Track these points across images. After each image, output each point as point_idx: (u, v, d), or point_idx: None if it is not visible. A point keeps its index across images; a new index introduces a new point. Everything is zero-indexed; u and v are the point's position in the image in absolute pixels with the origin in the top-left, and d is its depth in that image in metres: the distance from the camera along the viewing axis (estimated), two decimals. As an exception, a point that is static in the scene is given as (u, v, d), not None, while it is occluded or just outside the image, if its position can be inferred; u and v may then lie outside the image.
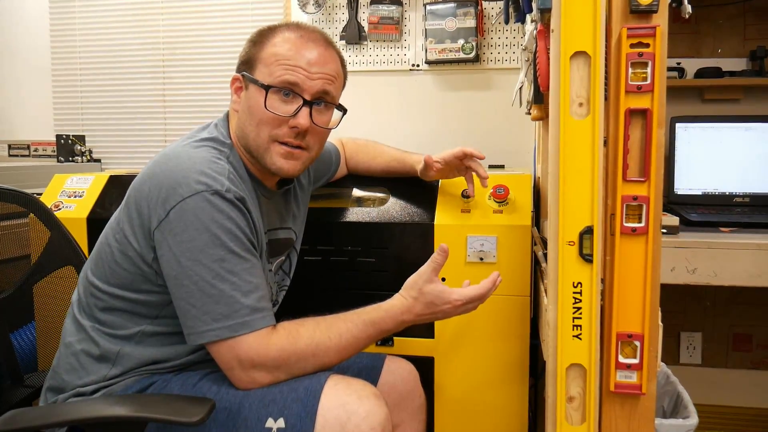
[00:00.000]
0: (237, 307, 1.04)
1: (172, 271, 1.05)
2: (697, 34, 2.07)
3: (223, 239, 1.04)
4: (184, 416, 0.92)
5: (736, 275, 1.22)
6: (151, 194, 1.07)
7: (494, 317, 1.50)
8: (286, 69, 1.13)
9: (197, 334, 1.05)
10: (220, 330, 1.03)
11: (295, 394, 1.05)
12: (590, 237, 0.93)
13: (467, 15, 2.39)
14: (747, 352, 2.19)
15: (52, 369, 1.19)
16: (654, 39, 0.90)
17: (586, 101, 0.91)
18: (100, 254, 1.17)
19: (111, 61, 2.90)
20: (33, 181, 2.43)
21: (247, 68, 1.18)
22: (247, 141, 1.17)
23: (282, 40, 1.16)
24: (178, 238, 1.04)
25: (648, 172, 0.92)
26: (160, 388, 1.11)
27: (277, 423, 1.02)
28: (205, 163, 1.09)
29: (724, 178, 1.81)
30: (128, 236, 1.10)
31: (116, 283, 1.13)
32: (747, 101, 2.05)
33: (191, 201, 1.04)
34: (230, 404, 1.05)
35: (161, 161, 1.11)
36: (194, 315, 1.04)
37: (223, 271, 1.04)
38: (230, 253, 1.05)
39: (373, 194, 1.67)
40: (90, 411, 0.98)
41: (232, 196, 1.06)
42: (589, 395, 0.96)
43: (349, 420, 1.01)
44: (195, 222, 1.03)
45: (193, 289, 1.04)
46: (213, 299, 1.03)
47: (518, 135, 2.42)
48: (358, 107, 2.53)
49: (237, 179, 1.12)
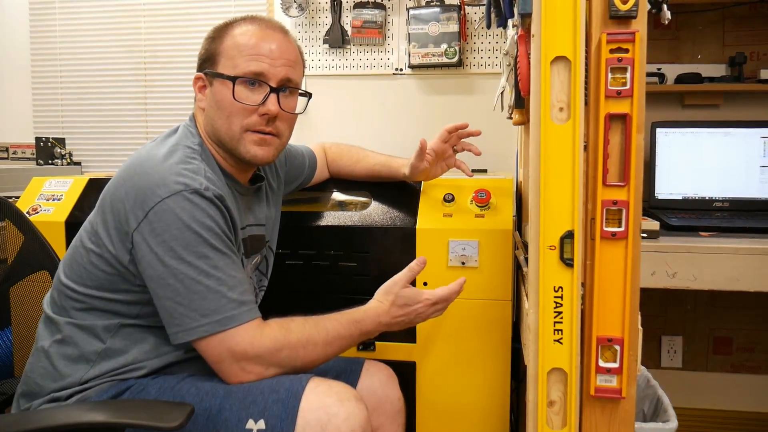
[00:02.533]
0: (224, 302, 1.06)
1: (155, 272, 1.05)
2: (677, 40, 2.09)
3: (205, 236, 1.05)
4: (163, 421, 0.91)
5: (715, 279, 1.23)
6: (128, 196, 1.07)
7: (476, 321, 1.50)
8: (250, 59, 1.15)
9: (186, 331, 1.05)
10: (210, 325, 1.05)
11: (276, 395, 1.05)
12: (571, 241, 0.93)
13: (450, 19, 2.39)
14: (727, 355, 2.20)
15: (25, 374, 1.17)
16: (633, 44, 0.91)
17: (567, 106, 0.91)
18: (73, 257, 1.16)
19: (92, 63, 2.87)
20: (11, 184, 2.40)
21: (209, 65, 1.19)
22: (219, 135, 1.19)
23: (242, 32, 1.18)
24: (159, 238, 1.04)
25: (628, 176, 0.93)
26: (136, 393, 1.10)
27: (257, 424, 1.03)
28: (180, 163, 1.10)
29: (703, 182, 1.83)
30: (103, 239, 1.10)
31: (93, 284, 1.12)
32: (726, 107, 2.07)
33: (170, 201, 1.04)
34: (210, 406, 1.05)
35: (135, 164, 1.12)
36: (181, 313, 1.05)
37: (207, 267, 1.05)
38: (213, 250, 1.06)
39: (355, 198, 1.66)
40: (68, 417, 0.96)
41: (211, 194, 1.08)
42: (569, 399, 0.96)
43: (330, 422, 1.02)
44: (176, 221, 1.04)
45: (178, 288, 1.04)
46: (200, 295, 1.05)
47: (501, 139, 2.42)
48: (341, 111, 2.54)
49: (213, 177, 1.13)
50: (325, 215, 1.60)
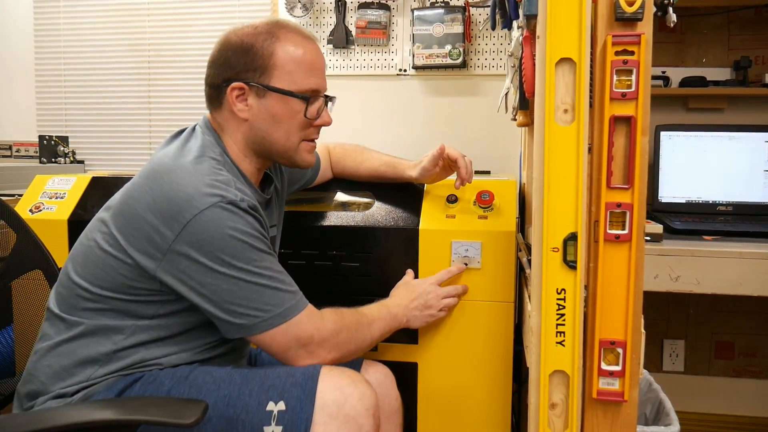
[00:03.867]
0: (281, 295, 1.11)
1: (203, 280, 1.07)
2: (681, 44, 2.09)
3: (249, 242, 1.09)
4: (178, 418, 0.91)
5: (718, 283, 1.23)
6: (158, 206, 1.07)
7: (478, 323, 1.50)
8: (309, 74, 1.21)
9: (247, 328, 1.10)
10: (273, 318, 1.10)
11: (293, 379, 1.10)
12: (574, 244, 0.92)
13: (455, 21, 2.39)
14: (729, 359, 2.20)
15: (28, 373, 1.16)
16: (639, 47, 0.90)
17: (571, 108, 0.91)
18: (87, 257, 1.15)
19: (95, 62, 2.87)
20: (15, 182, 2.40)
21: (257, 76, 1.17)
22: (272, 146, 1.22)
23: (294, 45, 1.19)
24: (204, 249, 1.06)
25: (632, 179, 0.92)
26: (147, 383, 1.10)
27: (278, 406, 1.07)
28: (210, 174, 1.11)
29: (707, 186, 1.82)
30: (125, 246, 1.10)
31: (110, 287, 1.12)
32: (731, 111, 2.07)
33: (209, 212, 1.06)
34: (230, 392, 1.08)
35: (161, 171, 1.11)
36: (241, 313, 1.09)
37: (258, 269, 1.10)
38: (259, 252, 1.11)
39: (358, 199, 1.66)
40: (80, 415, 0.94)
41: (246, 206, 1.10)
42: (571, 402, 0.96)
43: (346, 401, 1.08)
44: (218, 231, 1.06)
45: (234, 290, 1.08)
46: (258, 294, 1.09)
47: (504, 141, 2.42)
48: (345, 111, 2.53)
49: (242, 188, 1.15)
50: (327, 215, 1.60)
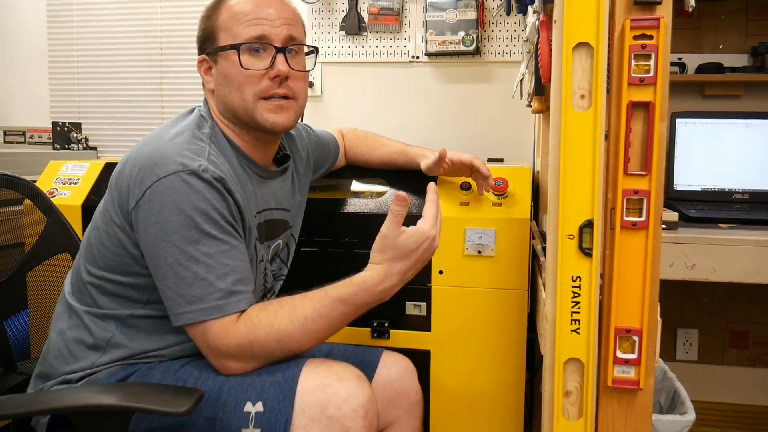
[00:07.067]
0: (210, 290, 1.03)
1: (148, 253, 1.05)
2: (698, 30, 2.06)
3: (197, 221, 1.03)
4: (171, 407, 0.92)
5: (734, 272, 1.21)
6: (132, 174, 1.07)
7: (492, 311, 1.49)
8: (249, 25, 1.14)
9: (174, 315, 1.05)
10: (193, 313, 1.03)
11: (273, 377, 1.04)
12: (590, 231, 0.92)
13: (468, 7, 2.37)
14: (743, 349, 2.18)
15: (42, 356, 1.18)
16: (658, 31, 0.89)
17: (588, 93, 0.90)
18: (89, 239, 1.17)
19: (108, 49, 2.87)
20: (28, 168, 2.41)
21: (209, 43, 1.18)
22: (234, 109, 1.17)
23: (236, 2, 1.16)
24: (152, 219, 1.03)
25: (649, 165, 0.91)
26: (142, 375, 1.10)
27: (255, 407, 1.02)
28: (184, 143, 1.09)
29: (723, 174, 1.80)
30: (113, 218, 1.10)
31: (105, 266, 1.13)
32: (748, 97, 2.04)
33: (166, 181, 1.03)
34: (210, 389, 1.05)
35: (143, 143, 1.13)
36: (170, 297, 1.04)
37: (197, 253, 1.03)
38: (205, 235, 1.03)
39: (372, 186, 1.65)
40: (76, 399, 0.97)
41: (209, 176, 1.05)
42: (586, 390, 0.95)
43: (329, 402, 1.01)
44: (169, 202, 1.02)
45: (167, 271, 1.03)
46: (186, 282, 1.03)
47: (518, 128, 2.40)
48: (357, 98, 2.53)
49: (220, 159, 1.12)
50: (340, 202, 1.60)
